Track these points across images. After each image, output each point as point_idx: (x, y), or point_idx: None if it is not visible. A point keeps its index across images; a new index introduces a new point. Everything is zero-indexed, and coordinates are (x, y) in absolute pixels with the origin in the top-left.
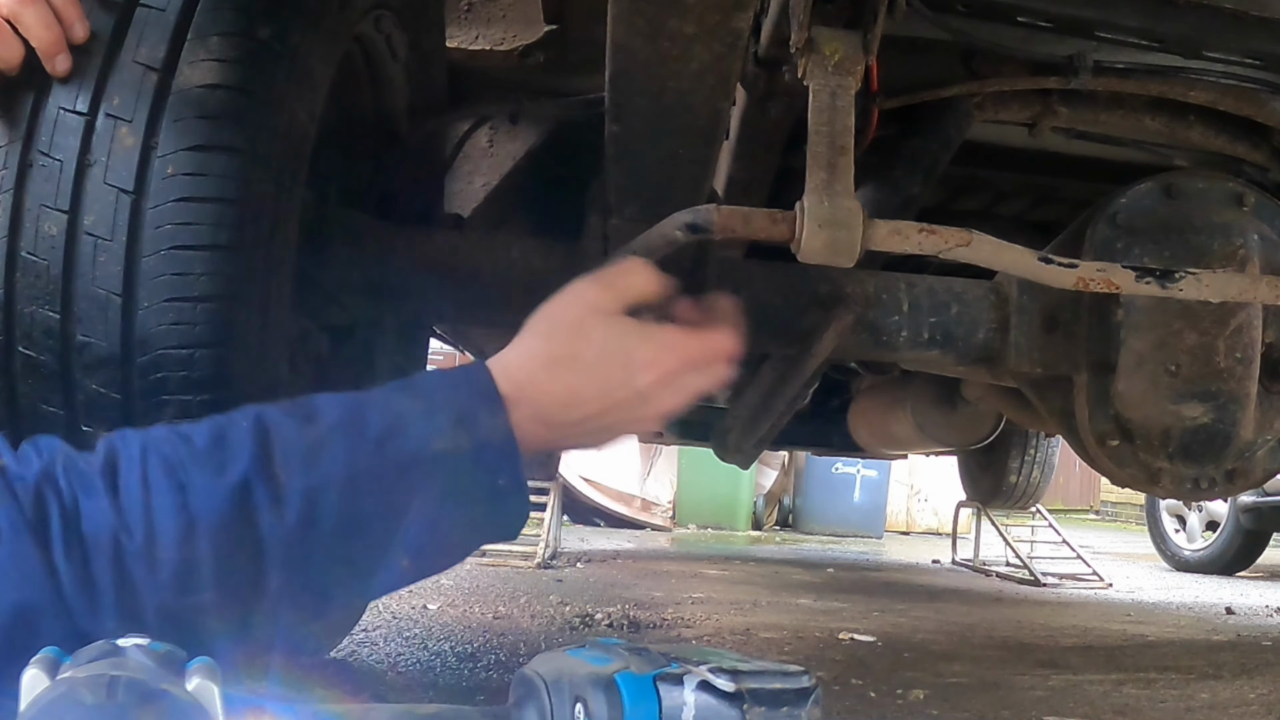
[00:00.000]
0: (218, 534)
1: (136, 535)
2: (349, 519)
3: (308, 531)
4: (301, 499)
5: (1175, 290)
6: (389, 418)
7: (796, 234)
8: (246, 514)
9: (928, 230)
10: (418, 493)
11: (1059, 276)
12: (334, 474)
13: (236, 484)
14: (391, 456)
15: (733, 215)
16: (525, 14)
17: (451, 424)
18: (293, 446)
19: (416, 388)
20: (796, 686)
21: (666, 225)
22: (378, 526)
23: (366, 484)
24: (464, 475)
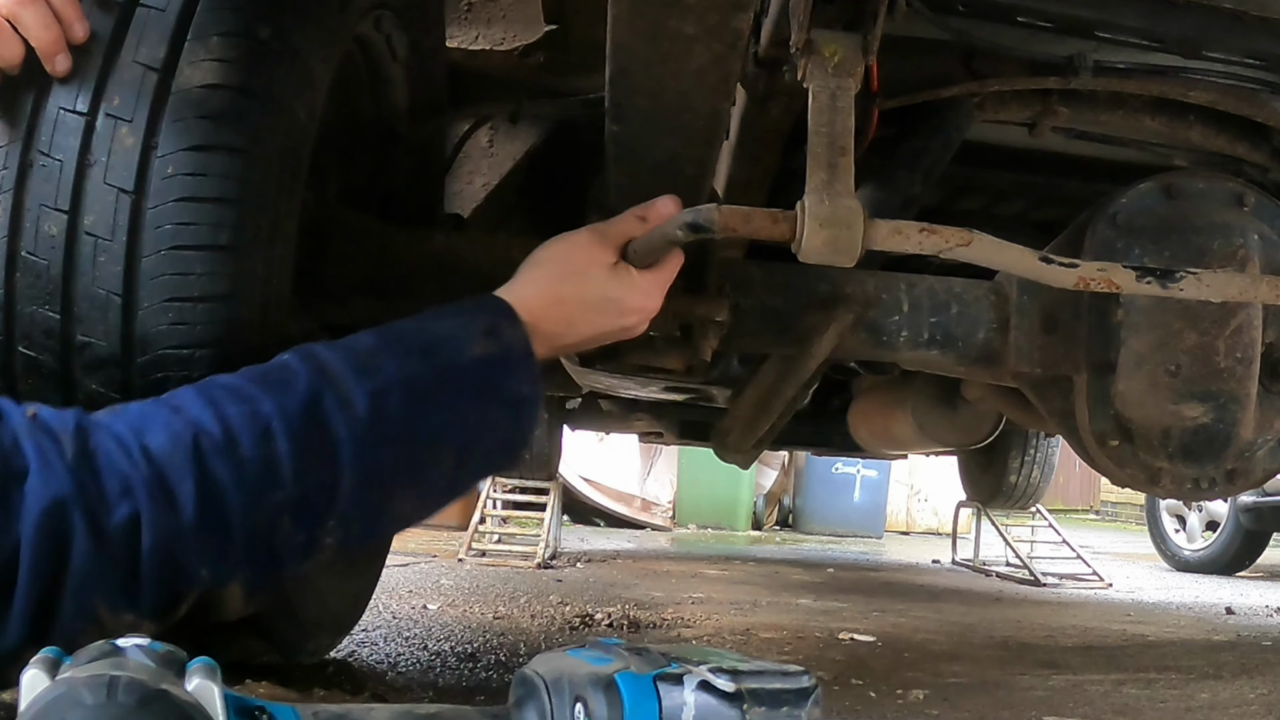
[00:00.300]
0: (294, 435)
1: (215, 433)
2: (409, 418)
3: (377, 430)
4: (368, 399)
5: (1176, 290)
6: (427, 335)
7: (797, 234)
8: (320, 416)
9: (928, 230)
10: (464, 394)
11: (1060, 276)
12: (392, 379)
13: (304, 392)
14: (437, 363)
15: (733, 215)
16: (525, 14)
17: (483, 334)
18: (346, 362)
19: (443, 313)
20: (796, 686)
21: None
22: (432, 425)
23: (422, 387)
24: (495, 379)
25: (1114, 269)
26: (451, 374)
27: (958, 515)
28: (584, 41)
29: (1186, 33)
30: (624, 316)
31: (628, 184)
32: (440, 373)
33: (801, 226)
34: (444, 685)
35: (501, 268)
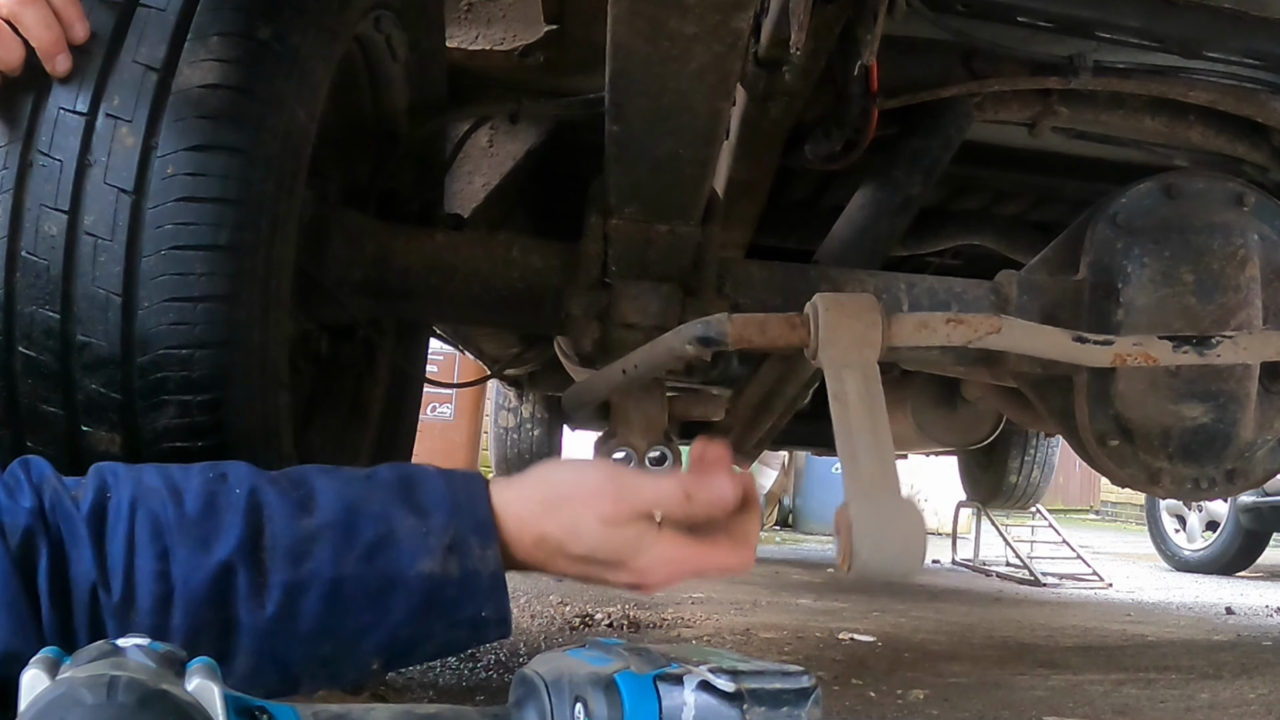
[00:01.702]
0: (194, 609)
1: (115, 593)
2: (327, 621)
3: (284, 625)
4: (282, 593)
5: (1213, 357)
6: (382, 529)
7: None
8: (225, 597)
9: (955, 320)
10: (398, 608)
11: (1096, 355)
12: (319, 574)
13: (219, 565)
14: (379, 568)
15: (748, 324)
16: (525, 14)
17: (443, 549)
18: (282, 536)
19: (416, 499)
20: (796, 686)
21: (675, 338)
22: (354, 632)
23: (350, 590)
24: (447, 601)
25: (1149, 342)
26: (393, 587)
27: (958, 515)
28: (584, 41)
29: (1186, 33)
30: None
31: (628, 184)
32: (378, 581)
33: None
34: (444, 685)
35: (501, 268)
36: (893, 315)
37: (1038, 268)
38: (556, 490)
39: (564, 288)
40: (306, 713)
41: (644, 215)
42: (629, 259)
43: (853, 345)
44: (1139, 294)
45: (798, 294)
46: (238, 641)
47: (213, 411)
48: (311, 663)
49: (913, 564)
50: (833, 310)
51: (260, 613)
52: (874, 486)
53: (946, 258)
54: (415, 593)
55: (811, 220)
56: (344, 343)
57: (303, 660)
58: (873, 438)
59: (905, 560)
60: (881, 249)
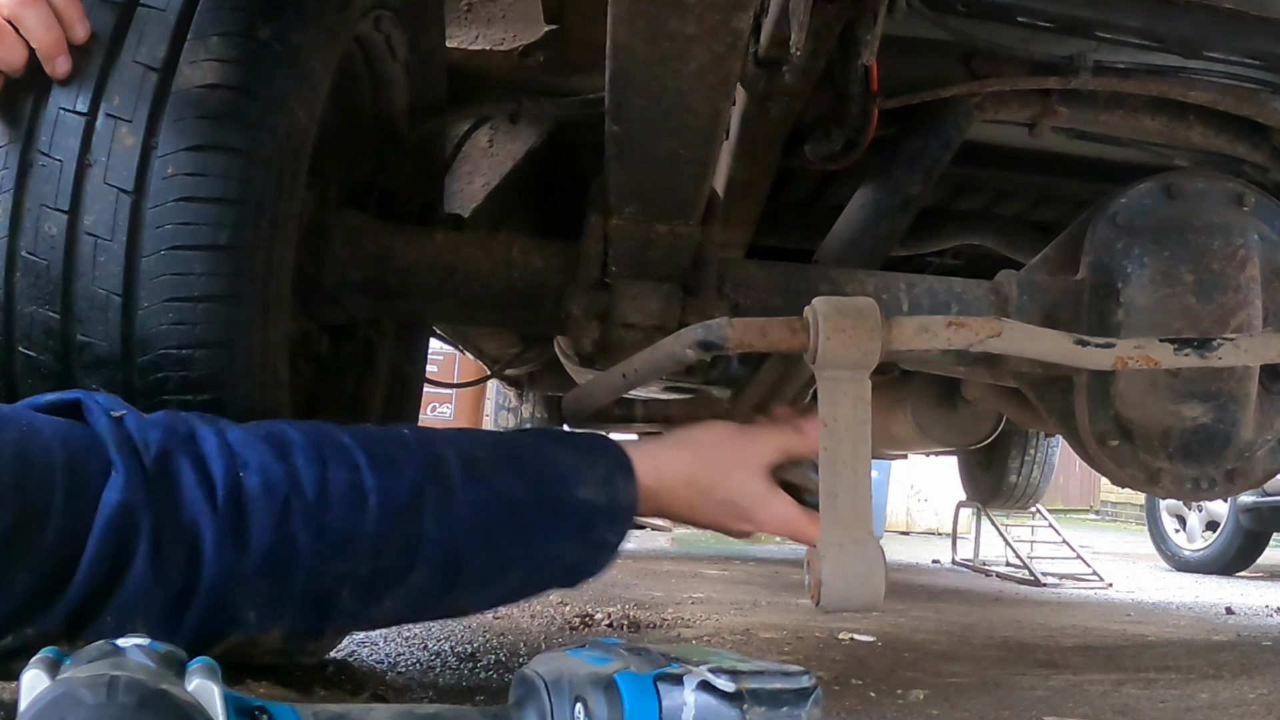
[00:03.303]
0: (387, 518)
1: (309, 496)
2: (502, 537)
3: (466, 539)
4: (469, 508)
5: (1214, 359)
6: (544, 460)
7: (811, 340)
8: (416, 509)
9: (956, 323)
10: (553, 529)
11: (1098, 359)
12: (497, 494)
13: (411, 481)
14: (544, 492)
15: (748, 328)
16: (525, 14)
17: (597, 480)
18: (460, 462)
19: (570, 441)
20: (796, 686)
21: (675, 343)
22: (516, 546)
23: (521, 510)
24: (590, 524)
25: (1150, 345)
26: (553, 508)
27: (958, 515)
28: (584, 41)
29: (1186, 33)
30: (741, 523)
31: (628, 184)
32: (543, 503)
33: (816, 330)
34: (444, 685)
35: (501, 268)
36: (893, 319)
37: (1038, 268)
38: (703, 445)
39: (564, 288)
40: (306, 713)
41: (644, 215)
42: (629, 259)
43: (851, 354)
44: (1139, 294)
45: (798, 294)
46: (421, 552)
47: (212, 411)
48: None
49: (875, 598)
50: (832, 314)
51: (449, 524)
52: (848, 526)
53: (946, 258)
54: (572, 515)
55: (811, 220)
56: (344, 343)
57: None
58: (854, 477)
59: (868, 595)
60: (881, 249)
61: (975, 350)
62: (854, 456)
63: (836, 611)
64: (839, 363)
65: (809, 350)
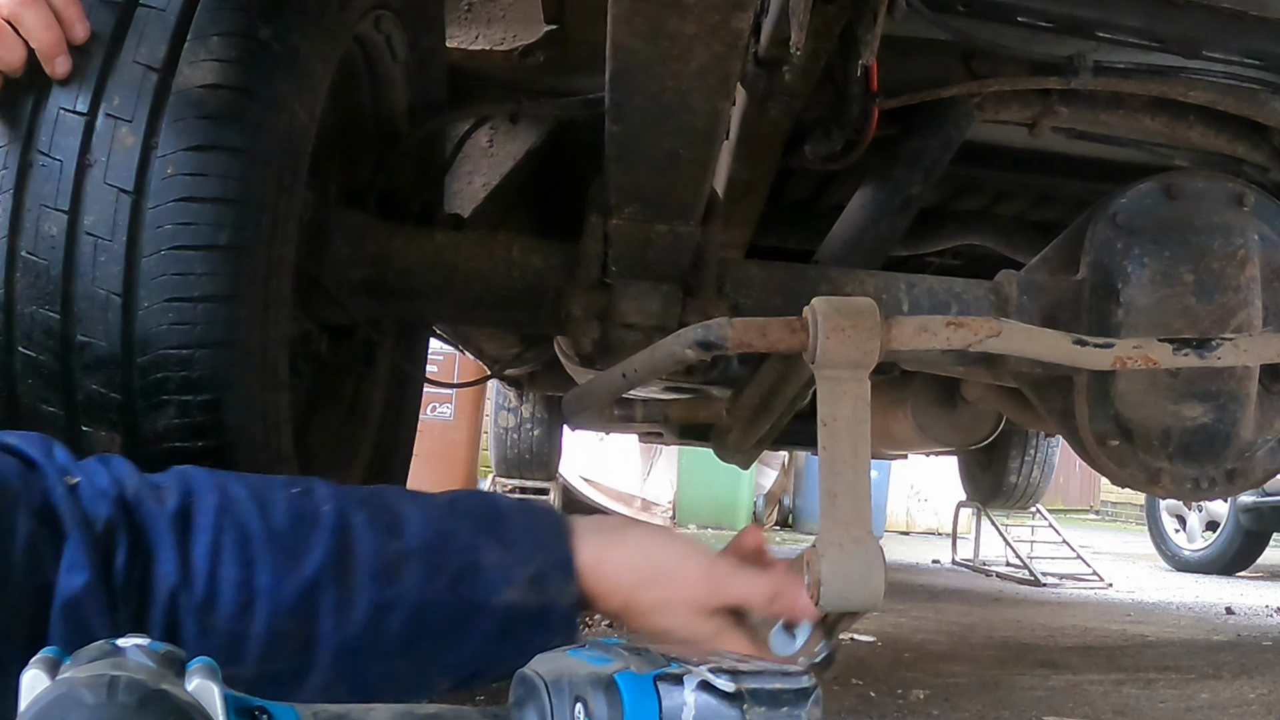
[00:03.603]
0: (277, 619)
1: (197, 595)
2: (408, 642)
3: (366, 644)
4: (369, 612)
5: (1214, 359)
6: (469, 557)
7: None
8: (310, 611)
9: (955, 323)
10: (477, 633)
11: (1096, 359)
12: (406, 597)
13: (307, 580)
14: (463, 596)
15: (748, 328)
16: (525, 14)
17: (527, 582)
18: (371, 558)
19: (502, 531)
20: (796, 686)
21: (675, 343)
22: (432, 654)
23: (433, 614)
24: (523, 630)
25: (1149, 344)
26: (474, 613)
27: (958, 515)
28: (584, 41)
29: (1186, 33)
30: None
31: (628, 184)
32: (461, 608)
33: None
34: None
35: (501, 268)
36: (893, 319)
37: (1038, 268)
38: (656, 566)
39: (564, 288)
40: (306, 713)
41: (644, 215)
42: (629, 259)
43: (850, 354)
44: (1139, 294)
45: (798, 294)
46: (317, 654)
47: (213, 411)
48: (387, 680)
49: (875, 598)
50: (832, 314)
51: (344, 630)
52: (848, 526)
53: (946, 258)
54: (495, 621)
55: (811, 220)
56: (344, 343)
57: (379, 677)
58: (854, 476)
59: (868, 595)
60: (882, 249)
61: (974, 350)
62: (854, 456)
63: (835, 611)
64: (838, 362)
65: (808, 350)
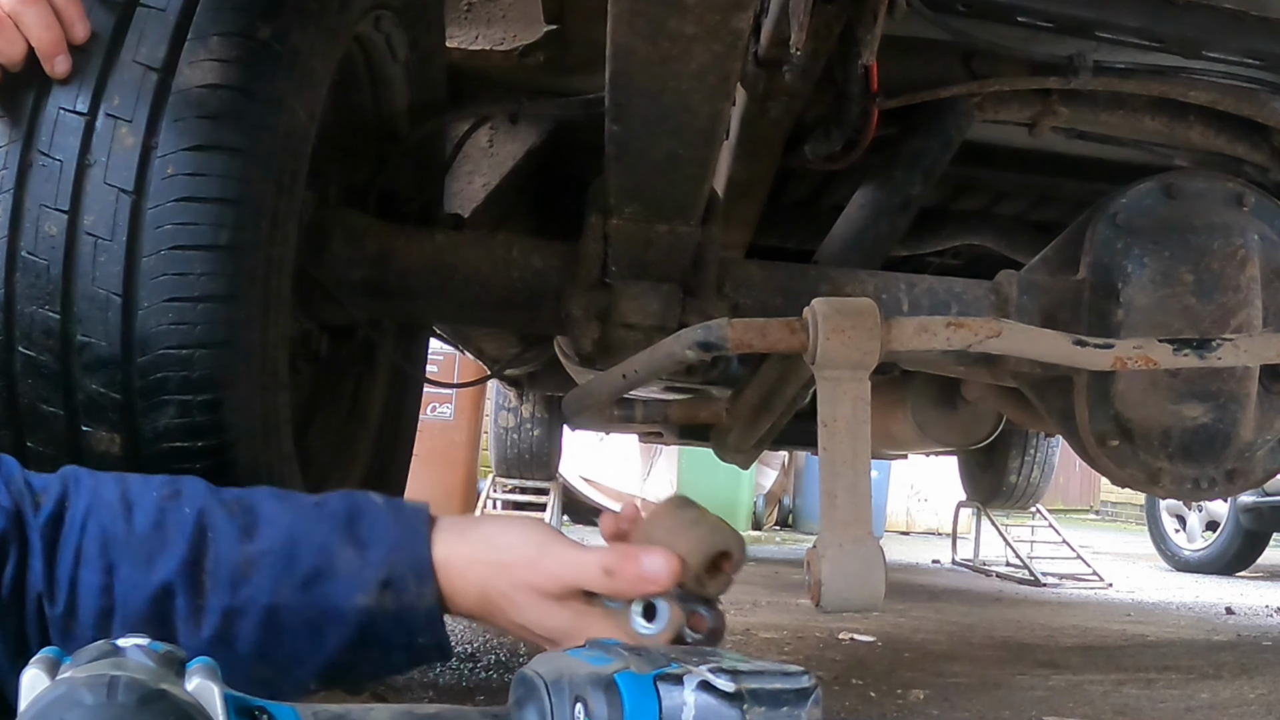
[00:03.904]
0: (133, 626)
1: (59, 605)
2: (263, 647)
3: (220, 649)
4: (220, 618)
5: (1214, 360)
6: (321, 560)
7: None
8: (164, 616)
9: (955, 324)
10: (333, 638)
11: (1096, 359)
12: (255, 601)
13: (159, 585)
14: (314, 599)
15: (748, 329)
16: (525, 14)
17: (379, 585)
18: (223, 560)
19: (357, 532)
20: (796, 687)
21: (675, 343)
22: (290, 658)
23: (286, 618)
24: (383, 631)
25: (1150, 345)
26: (328, 617)
27: (958, 515)
28: (584, 41)
29: (1186, 33)
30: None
31: (628, 184)
32: (313, 611)
33: (815, 330)
34: (444, 685)
35: (501, 268)
36: (892, 319)
37: (1038, 268)
38: (498, 554)
39: (564, 288)
40: (306, 713)
41: (644, 215)
42: (629, 259)
43: (850, 354)
44: (1139, 294)
45: (798, 294)
46: None
47: (213, 411)
48: (249, 685)
49: (875, 598)
50: (832, 315)
51: (197, 635)
52: (848, 526)
53: (946, 258)
54: (350, 625)
55: (811, 220)
56: (344, 343)
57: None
58: (854, 476)
59: (868, 595)
60: (881, 249)
61: (974, 350)
62: (854, 456)
63: (836, 612)
64: (838, 363)
65: (808, 350)
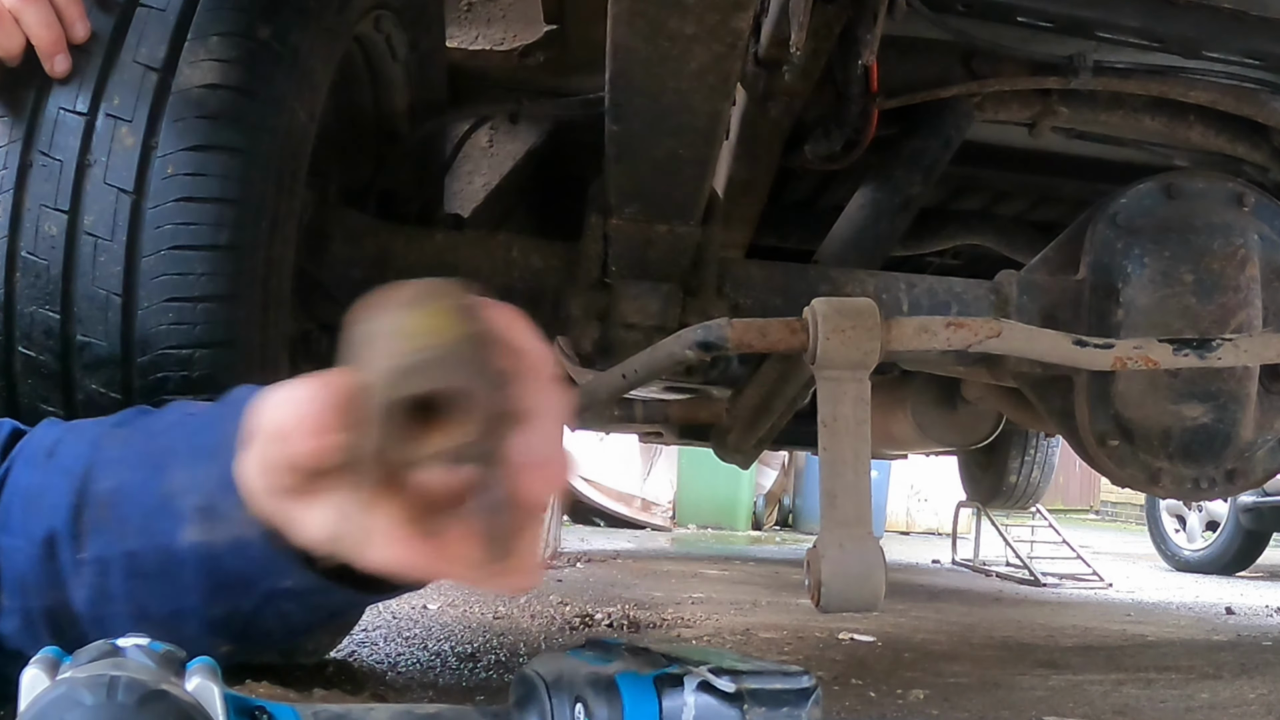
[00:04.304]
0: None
1: None
2: (138, 602)
3: (105, 608)
4: (93, 570)
5: (1213, 360)
6: (151, 495)
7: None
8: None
9: (955, 324)
10: (191, 585)
11: (1096, 359)
12: (115, 548)
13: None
14: (158, 541)
15: (748, 329)
16: (525, 14)
17: (198, 512)
18: (100, 498)
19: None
20: (797, 687)
21: (675, 343)
22: (170, 614)
23: (144, 565)
24: (232, 572)
25: (1150, 345)
26: (172, 560)
27: (958, 515)
28: (584, 41)
29: (1186, 33)
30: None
31: (628, 184)
32: (158, 555)
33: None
34: (444, 685)
35: (501, 268)
36: (892, 319)
37: (1038, 268)
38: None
39: (564, 288)
40: (307, 713)
41: (644, 215)
42: (629, 259)
43: (851, 354)
44: (1139, 294)
45: (798, 294)
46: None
47: None
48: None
49: (875, 598)
50: (832, 315)
51: (82, 592)
52: (848, 526)
53: (946, 258)
54: (192, 568)
55: (811, 220)
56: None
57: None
58: (854, 476)
59: (868, 595)
60: (882, 249)
61: (974, 350)
62: (854, 456)
63: (837, 612)
64: (838, 363)
65: (808, 350)
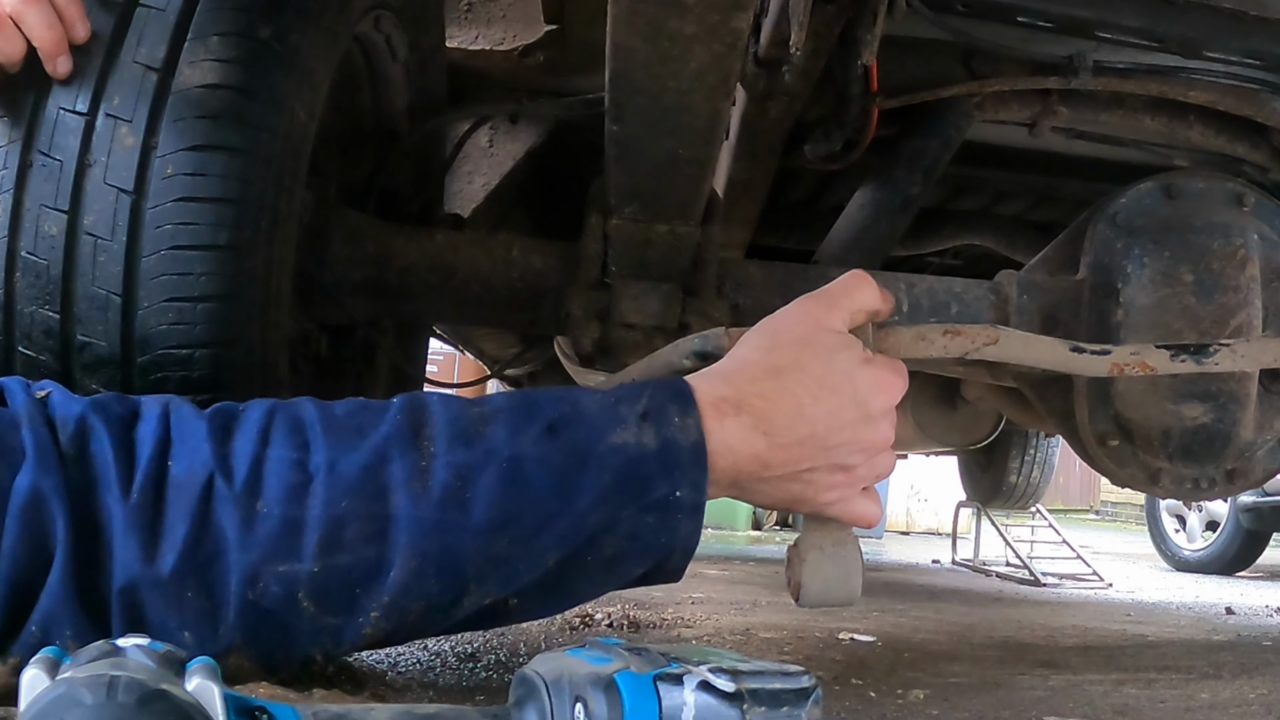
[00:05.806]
0: (336, 498)
1: (236, 481)
2: (504, 508)
3: (452, 515)
4: (450, 475)
5: (1211, 365)
6: (565, 405)
7: None
8: (378, 485)
9: (953, 331)
10: (587, 488)
11: (1093, 365)
12: (495, 453)
13: (372, 449)
14: (564, 444)
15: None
16: (525, 14)
17: (637, 416)
18: (449, 423)
19: (600, 389)
20: (796, 687)
21: (673, 352)
22: (535, 522)
23: (531, 470)
24: (639, 476)
25: (1146, 351)
26: (580, 462)
27: (958, 515)
28: (584, 41)
29: (1186, 33)
30: (865, 397)
31: (628, 184)
32: (561, 457)
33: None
34: (444, 685)
35: (501, 268)
36: (889, 328)
37: (1038, 268)
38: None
39: (564, 288)
40: (307, 713)
41: (644, 215)
42: (629, 259)
43: None
44: (1139, 294)
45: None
46: (394, 539)
47: None
48: (485, 563)
49: (852, 595)
50: None
51: (425, 498)
52: (829, 530)
53: (946, 258)
54: (607, 469)
55: (811, 220)
56: (344, 343)
57: (474, 558)
58: None
59: (845, 592)
60: (881, 249)
61: (972, 358)
62: None
63: (816, 607)
64: None
65: None
